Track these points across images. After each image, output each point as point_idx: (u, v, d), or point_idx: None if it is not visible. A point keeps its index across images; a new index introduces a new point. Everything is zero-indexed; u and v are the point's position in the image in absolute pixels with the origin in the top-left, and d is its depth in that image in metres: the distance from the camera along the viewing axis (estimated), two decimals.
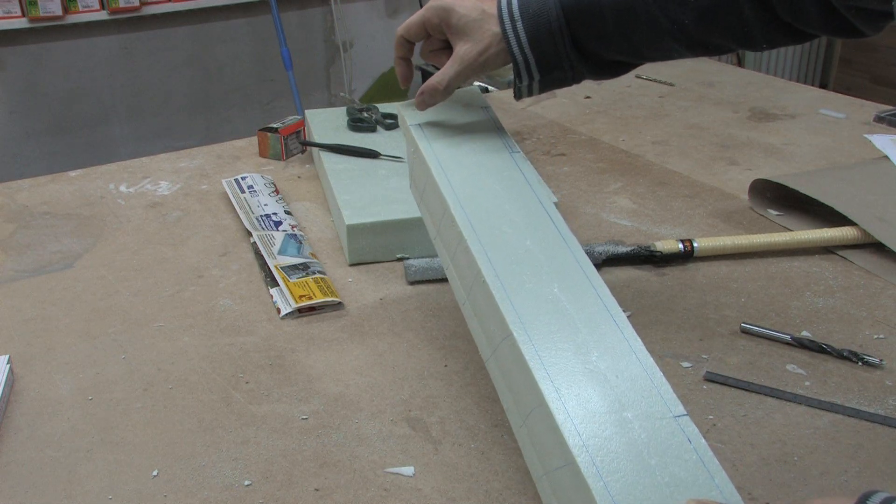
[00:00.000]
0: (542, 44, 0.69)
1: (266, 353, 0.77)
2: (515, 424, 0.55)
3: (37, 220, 1.04)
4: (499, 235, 0.59)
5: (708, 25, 0.66)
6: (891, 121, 1.34)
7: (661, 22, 0.66)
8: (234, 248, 0.96)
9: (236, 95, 3.02)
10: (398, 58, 0.76)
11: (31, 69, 2.63)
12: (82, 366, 0.75)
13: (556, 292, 0.55)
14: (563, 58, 0.69)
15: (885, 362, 0.74)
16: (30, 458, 0.64)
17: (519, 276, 0.56)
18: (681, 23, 0.66)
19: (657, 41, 0.68)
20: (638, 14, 0.66)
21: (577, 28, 0.68)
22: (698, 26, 0.66)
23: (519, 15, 0.69)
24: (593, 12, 0.67)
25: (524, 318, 0.53)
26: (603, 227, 1.00)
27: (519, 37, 0.69)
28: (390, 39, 3.63)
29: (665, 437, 0.47)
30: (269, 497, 0.60)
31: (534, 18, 0.68)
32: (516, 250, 0.58)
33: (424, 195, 0.70)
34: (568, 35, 0.68)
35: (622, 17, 0.67)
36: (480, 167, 0.68)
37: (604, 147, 1.25)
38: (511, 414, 0.56)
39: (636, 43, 0.68)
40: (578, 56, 0.70)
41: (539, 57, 0.69)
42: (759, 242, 0.92)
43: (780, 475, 0.61)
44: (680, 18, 0.66)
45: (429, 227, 0.71)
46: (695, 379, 0.72)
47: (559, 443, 0.47)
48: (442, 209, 0.64)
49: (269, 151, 1.22)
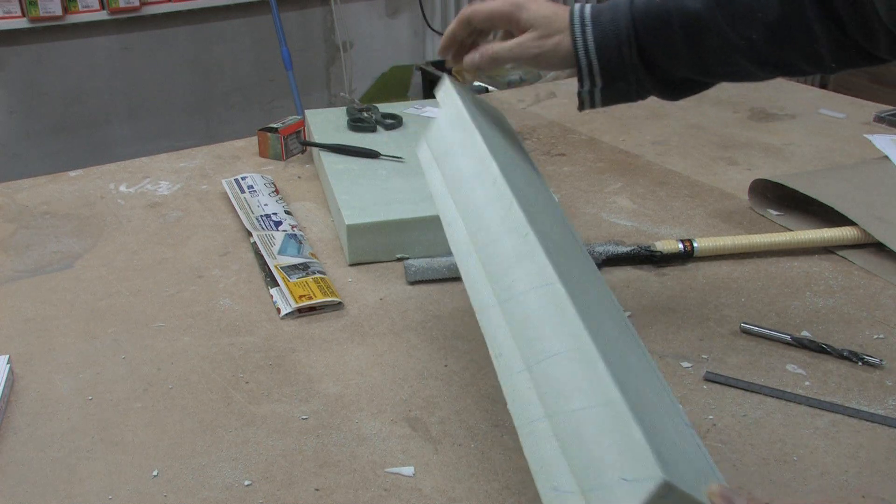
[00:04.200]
0: (609, 51, 0.68)
1: (266, 353, 0.77)
2: (510, 370, 0.52)
3: (37, 220, 1.05)
4: (533, 211, 0.59)
5: (777, 42, 0.65)
6: (891, 121, 1.34)
7: (729, 37, 0.65)
8: (234, 248, 0.96)
9: (236, 95, 3.02)
10: (450, 32, 0.74)
11: (31, 69, 2.63)
12: (82, 366, 0.75)
13: (578, 275, 0.55)
14: (628, 68, 0.69)
15: (885, 362, 0.74)
16: (30, 458, 0.64)
17: (554, 244, 0.55)
18: (749, 38, 0.65)
19: (726, 57, 0.67)
20: (707, 27, 0.66)
21: (645, 39, 0.68)
22: (767, 43, 0.65)
23: (590, 20, 0.69)
24: (662, 23, 0.67)
25: (562, 275, 0.52)
26: (603, 227, 1.00)
27: (587, 41, 0.69)
28: (390, 39, 3.66)
29: (683, 429, 0.47)
30: (269, 497, 0.60)
31: (604, 25, 0.68)
32: (549, 228, 0.58)
33: (447, 157, 0.68)
34: (636, 46, 0.68)
35: (691, 29, 0.66)
36: (510, 151, 0.67)
37: (604, 147, 1.25)
38: (505, 360, 0.53)
39: (704, 58, 0.68)
40: (645, 69, 0.69)
41: (604, 64, 0.69)
42: (759, 242, 0.92)
43: (780, 475, 0.61)
44: (748, 34, 0.65)
45: (436, 185, 0.67)
46: (695, 379, 0.72)
47: (595, 382, 0.44)
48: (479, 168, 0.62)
49: (269, 151, 1.22)
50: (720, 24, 0.66)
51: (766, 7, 0.64)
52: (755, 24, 0.65)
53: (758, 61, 0.67)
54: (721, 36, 0.66)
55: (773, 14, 0.64)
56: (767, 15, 0.64)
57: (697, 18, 0.66)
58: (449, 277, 0.88)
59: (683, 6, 0.67)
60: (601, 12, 0.69)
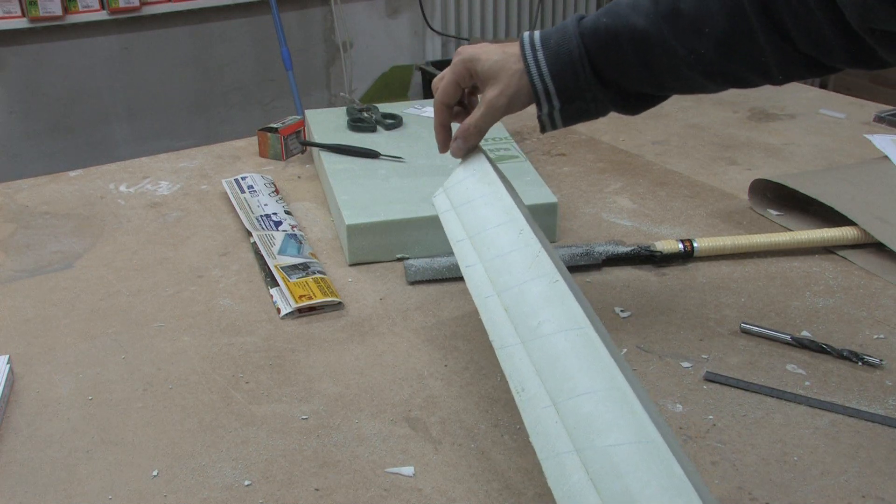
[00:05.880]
0: (563, 72, 0.69)
1: (266, 353, 0.77)
2: (535, 405, 0.55)
3: (37, 220, 1.05)
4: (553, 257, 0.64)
5: (724, 55, 0.65)
6: (891, 121, 1.34)
7: (677, 51, 0.66)
8: (234, 248, 0.96)
9: (236, 95, 3.02)
10: (438, 124, 0.77)
11: (31, 69, 2.63)
12: (82, 366, 0.75)
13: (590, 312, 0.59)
14: (584, 87, 0.70)
15: (885, 362, 0.74)
16: (30, 458, 0.64)
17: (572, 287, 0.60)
18: (697, 52, 0.65)
19: (676, 71, 0.67)
20: (653, 43, 0.66)
21: (596, 57, 0.68)
22: (715, 56, 0.65)
23: (540, 45, 0.70)
24: (611, 41, 0.67)
25: (590, 318, 0.57)
26: (603, 227, 1.00)
27: (539, 66, 0.69)
28: (390, 39, 3.66)
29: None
30: (269, 497, 0.60)
31: (555, 48, 0.69)
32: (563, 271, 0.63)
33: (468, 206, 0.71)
34: (588, 64, 0.69)
35: (638, 46, 0.67)
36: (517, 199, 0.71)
37: (604, 147, 1.25)
38: (529, 395, 0.56)
39: (655, 73, 0.68)
40: (600, 86, 0.70)
41: (560, 85, 0.69)
42: (759, 242, 0.92)
43: (780, 475, 0.61)
44: (696, 47, 0.65)
45: (455, 232, 0.71)
46: (695, 379, 0.72)
47: (630, 420, 0.48)
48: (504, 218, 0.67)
49: (269, 151, 1.22)
50: (667, 40, 0.66)
51: (712, 21, 0.64)
52: (702, 38, 0.65)
53: (707, 74, 0.67)
54: (669, 51, 0.66)
55: (720, 27, 0.64)
56: (714, 28, 0.65)
57: (645, 35, 0.66)
58: (449, 277, 0.88)
59: (630, 24, 0.67)
60: (549, 35, 0.70)
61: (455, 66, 0.73)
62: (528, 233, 0.64)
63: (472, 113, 0.74)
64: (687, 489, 0.44)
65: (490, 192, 0.70)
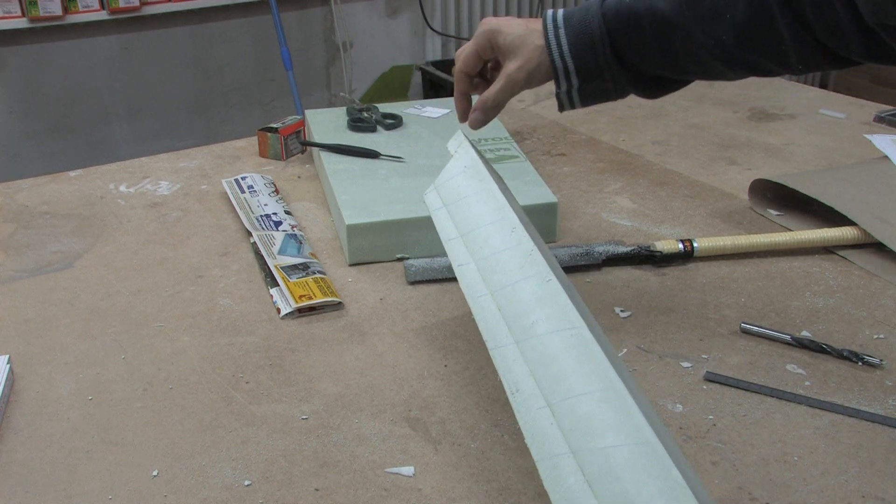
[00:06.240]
0: (583, 51, 0.69)
1: (266, 353, 0.77)
2: (530, 406, 0.55)
3: (37, 220, 1.05)
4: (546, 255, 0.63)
5: (744, 43, 0.65)
6: (891, 121, 1.34)
7: (698, 37, 0.66)
8: (234, 248, 0.96)
9: (236, 95, 3.02)
10: (459, 92, 0.78)
11: (31, 69, 2.63)
12: (82, 366, 0.75)
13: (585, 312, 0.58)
14: (603, 67, 0.70)
15: (885, 362, 0.74)
16: (30, 458, 0.64)
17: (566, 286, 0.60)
18: (717, 38, 0.66)
19: (695, 56, 0.68)
20: (674, 27, 0.66)
21: (617, 38, 0.69)
22: (735, 43, 0.66)
23: (563, 22, 0.70)
24: (632, 23, 0.68)
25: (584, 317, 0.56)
26: (603, 227, 1.00)
27: (560, 43, 0.70)
28: (390, 39, 3.66)
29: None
30: (269, 497, 0.60)
31: (577, 26, 0.70)
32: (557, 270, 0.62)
33: (460, 204, 0.71)
34: (609, 45, 0.69)
35: (659, 29, 0.67)
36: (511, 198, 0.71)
37: (604, 147, 1.25)
38: (524, 396, 0.55)
39: (675, 57, 0.68)
40: (620, 67, 0.70)
41: (579, 64, 0.70)
42: (759, 242, 0.92)
43: (780, 475, 0.61)
44: (717, 34, 0.65)
45: (447, 230, 0.71)
46: (695, 379, 0.72)
47: (627, 422, 0.48)
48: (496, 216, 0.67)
49: (269, 151, 1.22)
50: (689, 24, 0.66)
51: (733, 7, 0.65)
52: (723, 24, 0.65)
53: (727, 61, 0.68)
54: (690, 36, 0.67)
55: (741, 15, 0.65)
56: (735, 16, 0.65)
57: (666, 18, 0.67)
58: (449, 277, 0.88)
59: (652, 6, 0.67)
60: (572, 14, 0.71)
61: (478, 37, 0.74)
62: (520, 231, 0.64)
63: (491, 85, 0.74)
64: (684, 491, 0.44)
65: (481, 189, 0.69)
